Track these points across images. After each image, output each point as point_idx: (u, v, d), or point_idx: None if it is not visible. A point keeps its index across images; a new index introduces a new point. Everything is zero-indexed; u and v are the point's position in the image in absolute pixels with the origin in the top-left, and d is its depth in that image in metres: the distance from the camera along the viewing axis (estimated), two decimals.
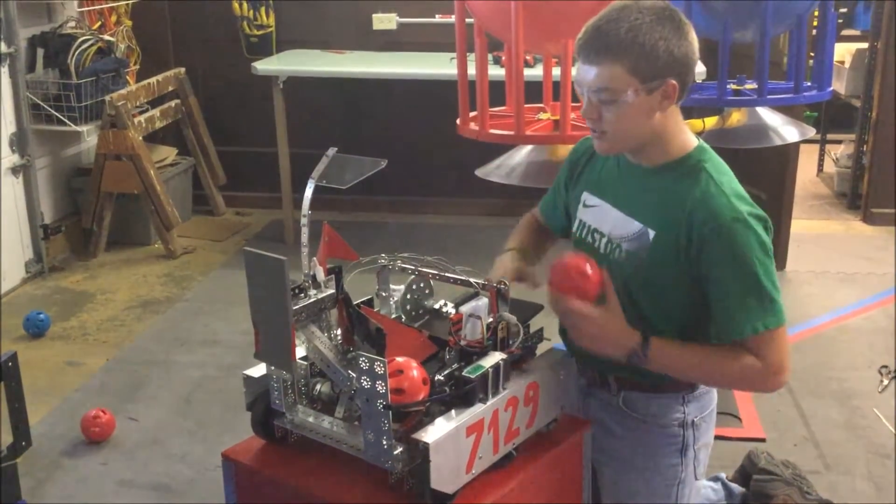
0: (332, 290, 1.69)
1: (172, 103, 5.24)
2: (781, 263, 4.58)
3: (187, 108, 5.33)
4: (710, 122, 3.16)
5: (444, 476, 1.50)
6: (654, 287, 1.70)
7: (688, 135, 1.74)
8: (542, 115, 2.62)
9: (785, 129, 3.14)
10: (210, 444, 2.95)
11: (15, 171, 4.43)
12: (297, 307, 1.62)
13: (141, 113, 4.95)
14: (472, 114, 2.66)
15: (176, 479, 2.78)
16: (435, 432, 1.48)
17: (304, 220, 1.68)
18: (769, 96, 2.93)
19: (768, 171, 4.53)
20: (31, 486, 2.75)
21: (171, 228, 4.81)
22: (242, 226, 5.34)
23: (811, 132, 3.21)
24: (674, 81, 1.62)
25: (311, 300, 1.65)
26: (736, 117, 3.19)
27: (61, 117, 4.54)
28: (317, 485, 1.62)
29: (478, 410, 1.55)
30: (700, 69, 4.28)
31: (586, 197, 1.81)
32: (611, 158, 1.79)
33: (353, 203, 5.46)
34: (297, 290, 1.64)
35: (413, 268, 1.81)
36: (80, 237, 4.91)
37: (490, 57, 4.40)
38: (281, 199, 4.99)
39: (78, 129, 4.57)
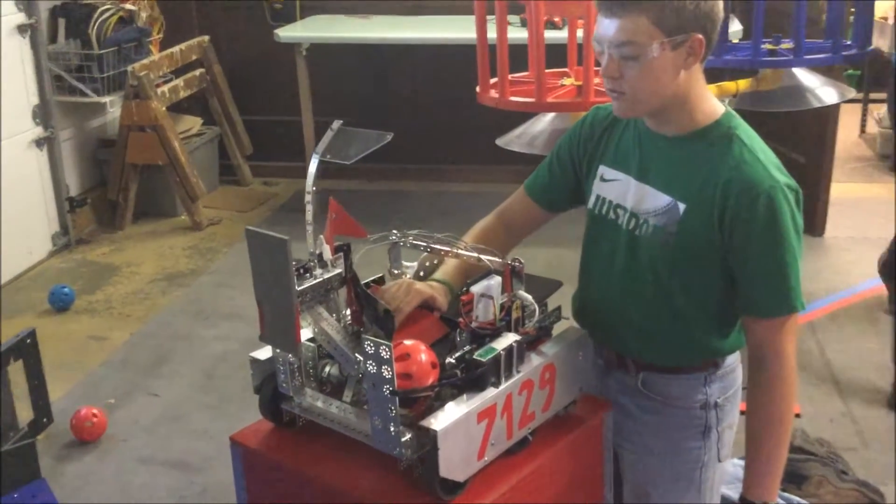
0: (339, 270, 1.62)
1: (197, 72, 5.19)
2: (821, 229, 4.45)
3: (212, 77, 5.28)
4: (744, 84, 3.03)
5: (454, 464, 1.43)
6: (683, 265, 1.61)
7: (714, 100, 1.63)
8: (566, 81, 2.52)
9: (823, 91, 3.01)
10: (231, 420, 2.91)
11: (39, 143, 4.41)
12: (301, 288, 1.56)
13: (165, 83, 4.91)
14: (494, 80, 2.56)
15: (196, 456, 2.76)
16: (444, 419, 1.41)
17: (307, 197, 1.61)
18: (806, 56, 2.80)
19: (807, 133, 4.38)
20: (51, 463, 2.74)
21: (196, 200, 4.78)
22: (269, 196, 5.29)
23: (851, 93, 3.07)
24: (700, 36, 1.51)
25: (317, 280, 1.58)
26: (771, 79, 3.06)
27: (84, 88, 4.51)
28: (325, 470, 1.56)
29: (490, 395, 1.48)
30: (735, 27, 4.12)
31: (603, 171, 1.71)
32: (629, 129, 1.69)
33: (378, 171, 5.39)
34: (301, 270, 1.57)
35: (425, 244, 1.72)
36: (107, 209, 4.90)
37: (518, 19, 4.28)
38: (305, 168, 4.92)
39: (100, 100, 4.54)
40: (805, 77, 3.01)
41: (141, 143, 4.64)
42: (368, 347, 1.40)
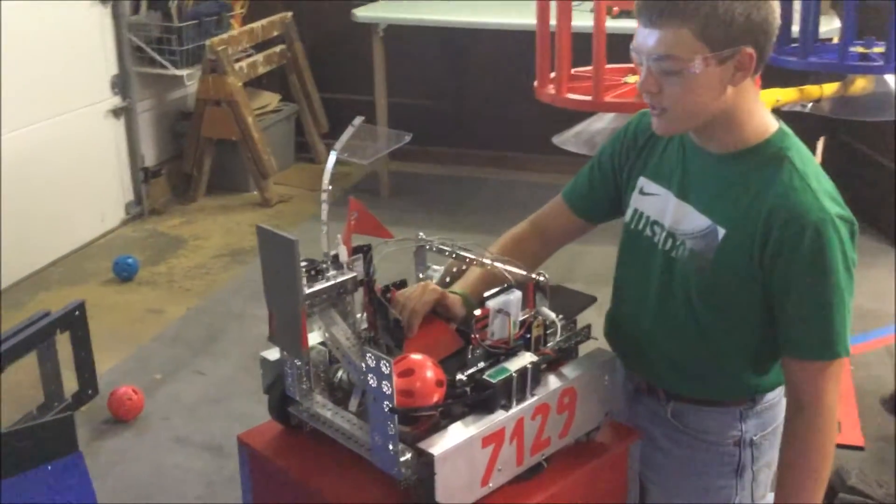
0: (354, 273, 1.54)
1: (277, 48, 5.18)
2: None
3: (292, 54, 5.26)
4: (830, 89, 2.83)
5: (454, 490, 1.35)
6: (719, 296, 1.48)
7: (766, 116, 1.49)
8: (630, 79, 2.38)
9: None
10: None
11: (116, 112, 4.47)
12: (312, 290, 1.49)
13: (245, 58, 4.91)
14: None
15: (231, 440, 2.69)
16: (444, 443, 1.33)
17: (323, 196, 1.53)
18: None
19: None
20: (91, 436, 2.77)
21: (267, 177, 4.79)
22: (341, 176, 5.26)
23: None
24: (750, 50, 1.37)
25: (329, 283, 1.52)
26: (861, 84, 2.85)
27: (162, 60, 4.55)
28: (325, 481, 1.50)
29: (498, 419, 1.39)
30: (832, 25, 3.88)
31: (644, 183, 1.59)
32: (674, 140, 1.56)
33: (455, 156, 5.31)
34: (313, 272, 1.51)
35: (450, 249, 1.63)
36: (182, 182, 4.96)
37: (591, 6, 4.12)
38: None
39: (178, 72, 4.58)
40: None
41: (216, 117, 4.67)
42: (369, 360, 1.32)
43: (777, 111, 2.80)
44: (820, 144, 3.79)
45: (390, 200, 4.84)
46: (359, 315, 1.58)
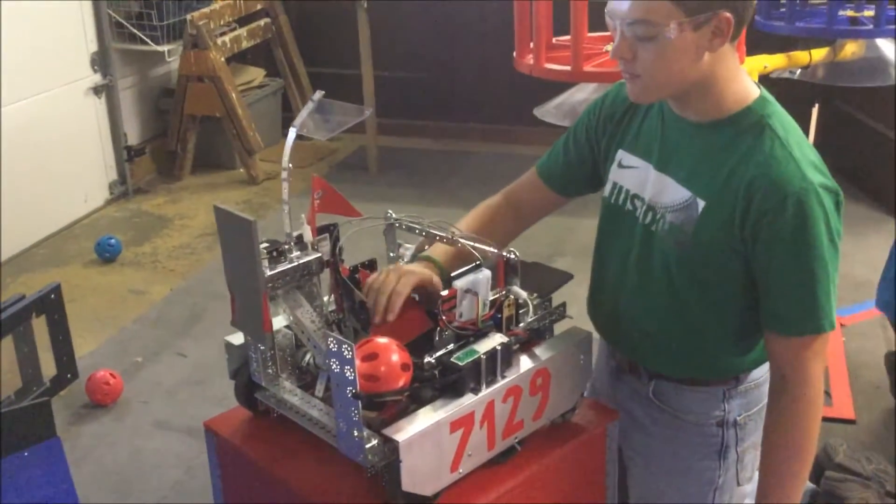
0: (318, 254, 1.49)
1: (262, 22, 5.09)
2: None
3: (277, 28, 5.18)
4: (819, 54, 2.76)
5: (420, 477, 1.30)
6: (699, 270, 1.43)
7: (747, 82, 1.42)
8: (611, 47, 2.30)
9: None
10: None
11: (97, 90, 4.39)
12: (274, 272, 1.44)
13: (228, 32, 4.82)
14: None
15: None
16: (409, 429, 1.28)
17: (284, 174, 1.47)
18: (889, 26, 2.52)
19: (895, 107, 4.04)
20: (70, 421, 2.72)
21: (253, 154, 4.72)
22: (329, 151, 5.19)
23: None
24: (728, 15, 1.31)
25: (292, 265, 1.46)
26: (851, 49, 2.78)
27: (143, 36, 4.46)
28: (291, 469, 1.46)
29: (467, 403, 1.34)
30: None
31: (622, 156, 1.53)
32: (653, 109, 1.49)
33: (444, 130, 5.24)
34: (275, 253, 1.45)
35: (420, 227, 1.57)
36: (167, 160, 4.88)
37: None
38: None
39: (159, 48, 4.49)
40: (889, 49, 2.73)
41: (199, 93, 4.59)
42: (331, 344, 1.27)
43: (767, 78, 2.73)
44: (814, 112, 3.72)
45: (378, 175, 4.77)
46: (326, 297, 1.53)
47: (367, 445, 1.29)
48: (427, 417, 1.30)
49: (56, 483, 2.11)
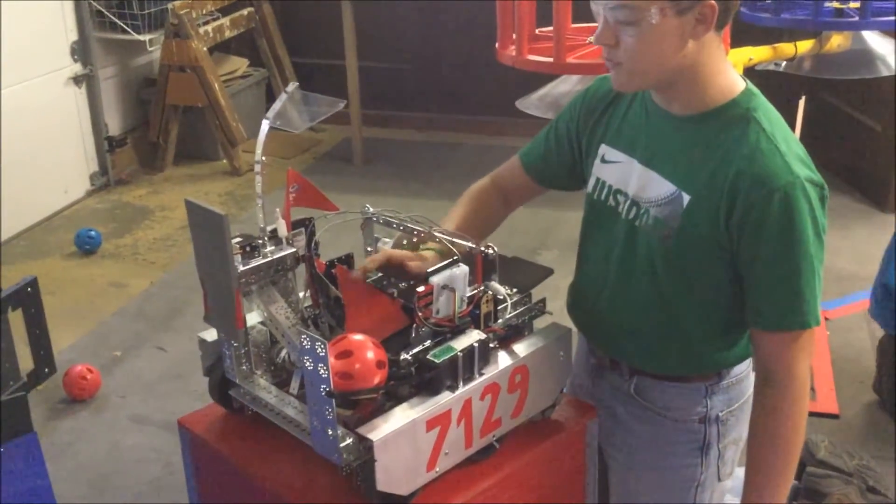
0: (293, 249, 1.46)
1: (245, 11, 5.04)
2: (891, 205, 4.12)
3: (261, 17, 5.13)
4: (805, 46, 2.74)
5: (396, 477, 1.28)
6: (684, 266, 1.40)
7: (732, 75, 1.40)
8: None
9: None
10: None
11: (77, 80, 4.33)
12: (247, 267, 1.41)
13: (211, 21, 4.77)
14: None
15: None
16: (384, 428, 1.26)
17: (257, 167, 1.45)
18: (875, 18, 2.50)
19: (881, 100, 4.03)
20: (47, 416, 2.68)
21: (236, 145, 4.67)
22: (314, 142, 5.15)
23: None
24: (712, 1, 1.28)
25: (266, 260, 1.43)
26: (836, 42, 2.77)
27: (123, 25, 4.40)
28: (266, 467, 1.43)
29: (444, 401, 1.31)
30: None
31: (605, 150, 1.50)
32: (636, 103, 1.47)
33: (430, 121, 5.20)
34: (248, 248, 1.42)
35: (398, 222, 1.55)
36: (149, 151, 4.83)
37: None
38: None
39: (140, 37, 4.43)
40: (875, 41, 2.71)
41: (181, 83, 4.54)
42: (304, 341, 1.24)
43: (752, 70, 2.71)
44: (801, 104, 3.70)
45: (363, 167, 4.73)
46: (302, 293, 1.50)
47: (342, 444, 1.26)
48: (403, 415, 1.28)
49: (32, 479, 2.08)
